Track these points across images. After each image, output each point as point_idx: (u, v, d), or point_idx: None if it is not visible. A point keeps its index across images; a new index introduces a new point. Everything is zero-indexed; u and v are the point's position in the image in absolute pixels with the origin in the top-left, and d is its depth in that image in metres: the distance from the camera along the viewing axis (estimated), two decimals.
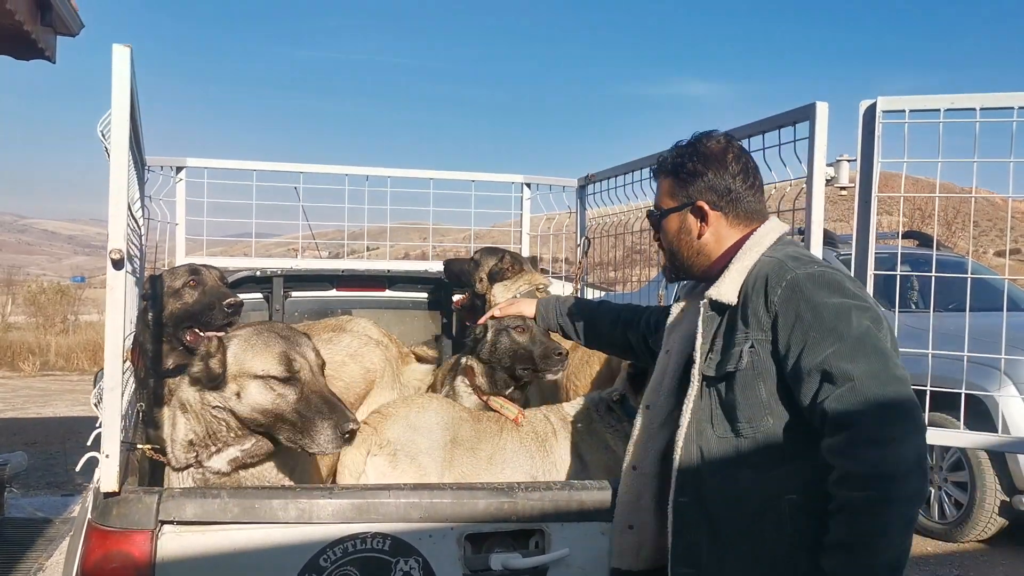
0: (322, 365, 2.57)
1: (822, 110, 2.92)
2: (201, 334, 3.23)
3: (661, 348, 2.55)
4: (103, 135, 2.62)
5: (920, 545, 6.73)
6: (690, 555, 2.24)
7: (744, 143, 3.31)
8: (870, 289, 3.01)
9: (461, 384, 3.44)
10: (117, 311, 2.24)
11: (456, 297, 4.50)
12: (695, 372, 2.26)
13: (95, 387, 4.26)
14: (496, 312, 3.37)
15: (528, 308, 3.29)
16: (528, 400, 3.68)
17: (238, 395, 2.46)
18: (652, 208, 2.53)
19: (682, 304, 2.55)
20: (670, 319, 2.56)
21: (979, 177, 3.14)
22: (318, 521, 2.36)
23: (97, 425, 2.79)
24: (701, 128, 2.42)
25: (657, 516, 2.38)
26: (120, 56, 2.24)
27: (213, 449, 2.52)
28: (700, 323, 2.27)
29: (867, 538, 1.91)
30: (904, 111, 2.87)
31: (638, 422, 2.51)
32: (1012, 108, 2.79)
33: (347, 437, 2.44)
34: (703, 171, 2.34)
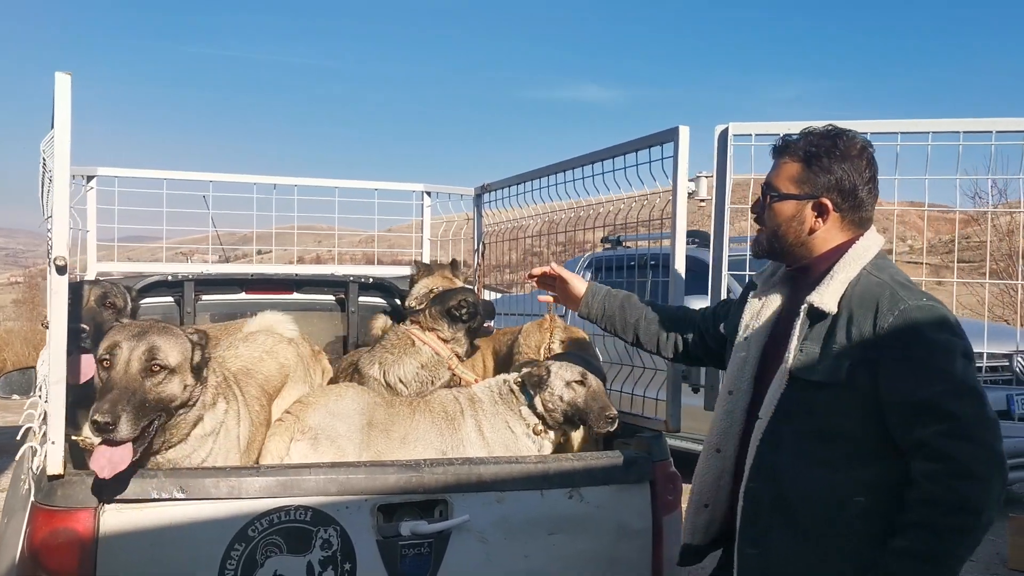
0: (145, 364, 2.61)
1: (684, 133, 3.38)
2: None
3: (738, 334, 2.61)
4: (44, 151, 2.84)
5: None
6: (759, 537, 2.38)
7: (620, 160, 3.77)
8: (724, 288, 3.49)
9: (420, 344, 3.91)
10: (61, 313, 2.48)
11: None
12: (784, 370, 2.33)
13: None
14: (547, 270, 3.27)
15: (578, 286, 3.19)
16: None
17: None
18: (765, 183, 2.51)
19: (761, 292, 2.61)
20: (750, 306, 2.62)
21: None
22: (246, 496, 2.65)
23: (23, 420, 2.99)
24: (597, 132, 2.59)
25: (732, 495, 2.54)
26: (62, 82, 2.48)
27: None
28: (797, 325, 2.33)
29: (942, 555, 2.12)
30: (751, 135, 3.35)
31: (721, 406, 2.59)
32: None
33: (94, 427, 2.45)
34: (837, 170, 2.35)
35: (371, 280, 5.13)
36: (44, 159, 2.83)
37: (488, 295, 5.61)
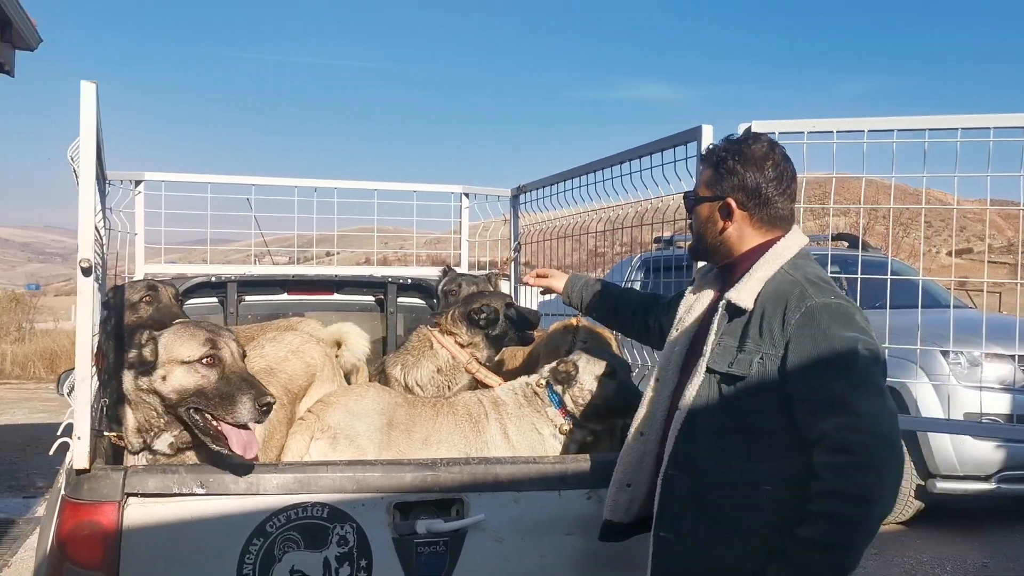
0: (243, 354, 2.88)
1: (707, 132, 3.36)
2: None
3: (672, 325, 2.75)
4: (72, 159, 2.95)
5: None
6: (674, 522, 2.48)
7: (646, 160, 3.76)
8: None
9: (438, 347, 3.92)
10: (87, 314, 2.59)
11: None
12: (702, 363, 2.44)
13: (58, 388, 4.58)
14: (530, 280, 3.56)
15: (558, 282, 3.46)
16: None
17: (164, 378, 2.75)
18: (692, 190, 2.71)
19: (696, 288, 2.74)
20: (685, 300, 2.76)
21: (929, 182, 3.69)
22: (264, 492, 2.72)
23: (66, 417, 3.11)
24: (650, 130, 2.66)
25: (653, 478, 2.63)
26: (87, 92, 2.58)
27: (153, 434, 2.80)
28: (715, 321, 2.46)
29: (842, 543, 2.20)
30: (775, 132, 3.32)
31: (648, 392, 2.71)
32: (863, 131, 3.27)
33: (264, 409, 2.70)
34: (740, 171, 2.49)
35: (410, 281, 5.19)
36: (74, 168, 2.95)
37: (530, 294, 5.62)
